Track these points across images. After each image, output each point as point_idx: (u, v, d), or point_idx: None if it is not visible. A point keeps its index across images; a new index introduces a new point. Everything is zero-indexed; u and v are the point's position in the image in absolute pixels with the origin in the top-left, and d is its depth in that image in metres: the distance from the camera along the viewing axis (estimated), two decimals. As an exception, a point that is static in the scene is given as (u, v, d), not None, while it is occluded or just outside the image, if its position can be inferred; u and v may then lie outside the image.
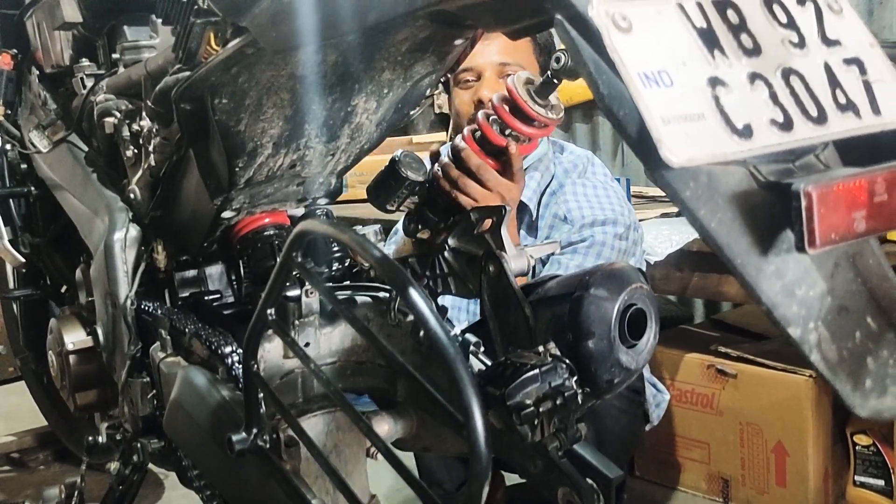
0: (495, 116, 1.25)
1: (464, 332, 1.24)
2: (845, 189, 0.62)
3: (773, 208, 0.64)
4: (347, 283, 1.33)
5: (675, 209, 2.54)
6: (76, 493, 1.61)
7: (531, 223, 1.90)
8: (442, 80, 1.90)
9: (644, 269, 1.97)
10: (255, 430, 0.99)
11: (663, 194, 2.68)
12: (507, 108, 1.22)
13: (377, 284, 1.29)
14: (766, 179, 0.65)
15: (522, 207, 1.86)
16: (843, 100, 0.69)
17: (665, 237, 2.24)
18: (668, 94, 0.61)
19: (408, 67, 1.15)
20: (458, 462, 2.08)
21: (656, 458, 2.47)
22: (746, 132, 0.63)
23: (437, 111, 3.57)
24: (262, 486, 1.03)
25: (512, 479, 2.11)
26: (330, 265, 1.38)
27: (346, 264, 1.38)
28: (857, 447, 2.24)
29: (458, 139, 1.34)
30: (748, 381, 2.27)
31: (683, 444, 2.40)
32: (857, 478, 2.25)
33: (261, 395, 0.99)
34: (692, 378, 2.36)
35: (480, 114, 1.28)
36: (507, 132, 1.25)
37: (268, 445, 1.00)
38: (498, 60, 1.83)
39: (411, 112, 1.35)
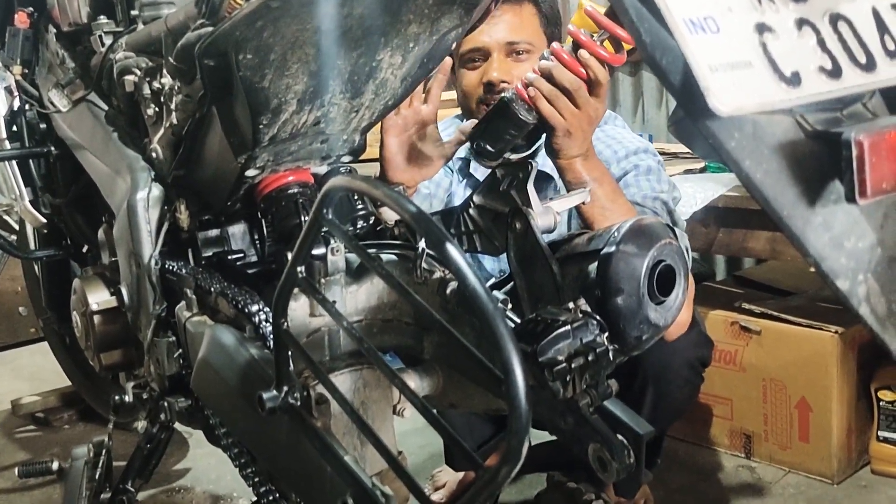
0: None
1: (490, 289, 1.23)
2: (897, 138, 0.60)
3: (820, 158, 0.62)
4: (370, 241, 1.32)
5: (698, 166, 2.51)
6: (104, 451, 1.62)
7: (557, 190, 1.87)
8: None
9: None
10: (285, 388, 0.99)
11: (686, 150, 2.67)
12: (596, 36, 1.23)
13: (401, 242, 1.29)
14: (814, 129, 0.64)
15: (546, 177, 1.83)
16: (892, 46, 0.66)
17: (689, 195, 2.22)
18: (715, 41, 0.59)
19: (434, 20, 1.13)
20: (481, 420, 2.09)
21: (678, 415, 2.47)
22: (795, 80, 0.61)
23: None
24: (293, 443, 1.03)
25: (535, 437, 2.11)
26: (354, 223, 1.37)
27: (370, 222, 1.37)
28: (881, 403, 2.24)
29: (542, 61, 1.32)
30: (772, 338, 2.26)
31: (706, 400, 2.40)
32: (880, 433, 2.25)
33: (290, 353, 0.99)
34: (715, 334, 2.33)
35: (583, 32, 1.27)
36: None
37: (299, 403, 1.00)
38: (505, 39, 1.79)
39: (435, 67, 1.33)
